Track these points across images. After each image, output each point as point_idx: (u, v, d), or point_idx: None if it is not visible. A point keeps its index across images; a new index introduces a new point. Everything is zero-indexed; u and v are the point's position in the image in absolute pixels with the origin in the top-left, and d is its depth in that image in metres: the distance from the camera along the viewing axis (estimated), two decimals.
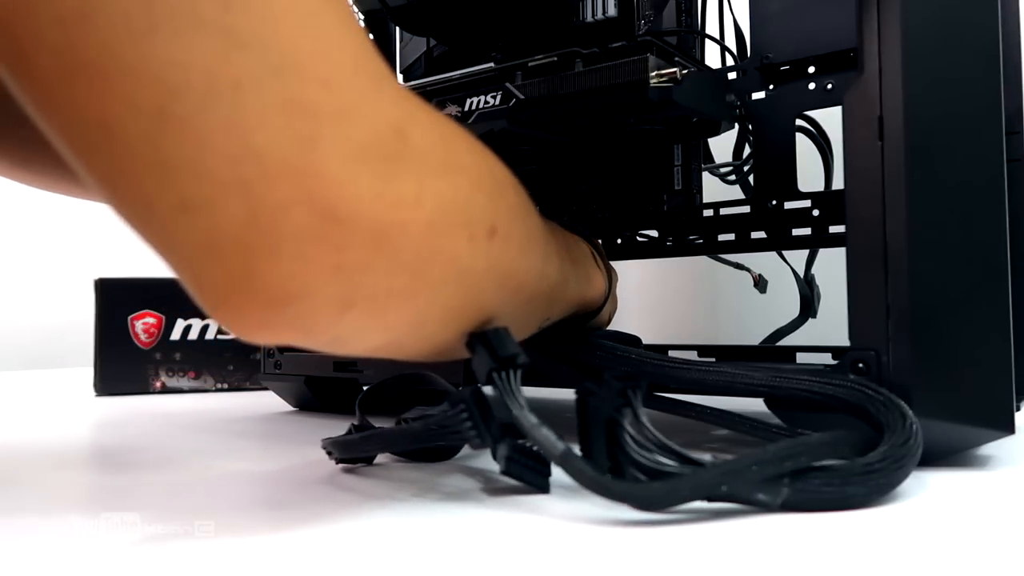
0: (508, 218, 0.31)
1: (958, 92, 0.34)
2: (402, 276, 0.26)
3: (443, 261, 0.27)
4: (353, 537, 0.26)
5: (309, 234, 0.23)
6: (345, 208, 0.23)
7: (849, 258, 0.34)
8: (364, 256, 0.24)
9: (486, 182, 0.30)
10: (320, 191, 0.23)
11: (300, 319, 0.25)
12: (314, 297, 0.24)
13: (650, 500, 0.26)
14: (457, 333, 0.31)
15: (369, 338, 0.28)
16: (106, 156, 0.22)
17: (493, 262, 0.30)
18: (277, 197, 0.22)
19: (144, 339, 0.78)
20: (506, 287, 0.32)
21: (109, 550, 0.25)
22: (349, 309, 0.25)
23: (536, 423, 0.27)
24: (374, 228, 0.24)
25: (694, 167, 0.54)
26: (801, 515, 0.27)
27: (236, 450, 0.44)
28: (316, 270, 0.24)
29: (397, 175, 0.25)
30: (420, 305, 0.28)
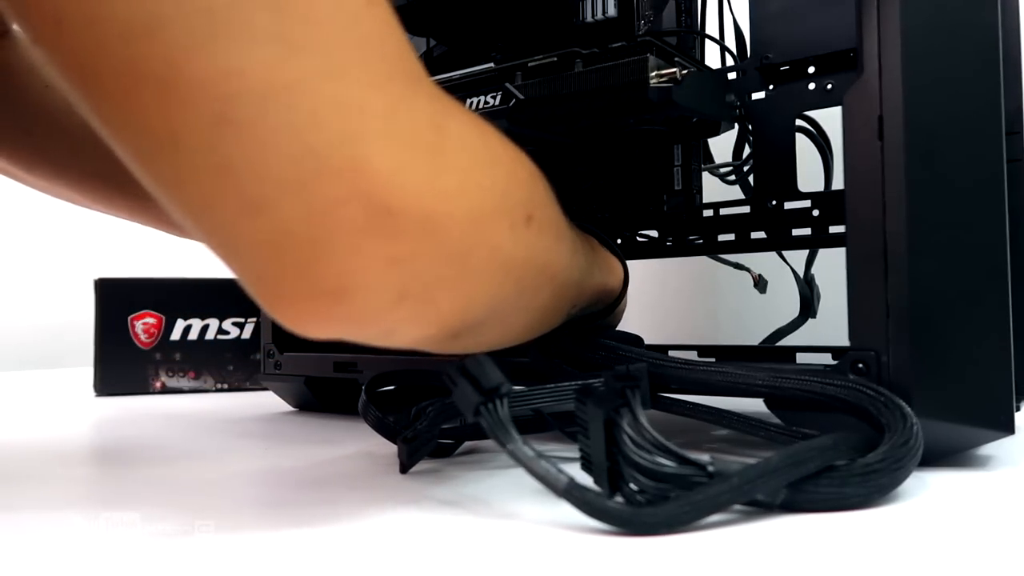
0: (542, 207, 0.32)
1: (958, 92, 0.34)
2: (450, 265, 0.27)
3: (487, 250, 0.28)
4: (353, 538, 0.26)
5: (363, 228, 0.24)
6: (396, 201, 0.24)
7: (849, 258, 0.34)
8: (415, 247, 0.25)
9: (521, 173, 0.31)
10: (371, 187, 0.24)
11: (357, 311, 0.26)
12: (370, 289, 0.25)
13: (657, 525, 0.25)
14: (500, 319, 0.32)
15: (420, 329, 0.29)
16: (170, 163, 0.23)
17: (531, 250, 0.31)
18: (332, 194, 0.23)
19: (144, 339, 0.78)
20: (544, 274, 0.33)
21: (109, 550, 0.25)
22: (403, 300, 0.26)
23: (533, 456, 0.27)
24: (423, 219, 0.25)
25: (694, 167, 0.54)
26: (800, 515, 0.27)
27: (236, 450, 0.44)
28: (371, 263, 0.25)
29: (441, 168, 0.26)
30: (467, 293, 0.29)
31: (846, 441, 0.29)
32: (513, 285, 0.31)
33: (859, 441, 0.29)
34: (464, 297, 0.29)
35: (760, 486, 0.26)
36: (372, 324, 0.27)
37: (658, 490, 0.26)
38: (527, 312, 0.34)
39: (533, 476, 0.27)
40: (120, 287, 0.78)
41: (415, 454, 0.36)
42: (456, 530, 0.27)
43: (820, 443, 0.28)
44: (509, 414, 0.28)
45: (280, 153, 0.23)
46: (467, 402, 0.28)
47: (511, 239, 0.30)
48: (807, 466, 0.27)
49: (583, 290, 0.40)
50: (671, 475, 0.26)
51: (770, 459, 0.27)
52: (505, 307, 0.32)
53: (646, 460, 0.26)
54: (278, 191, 0.23)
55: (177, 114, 0.22)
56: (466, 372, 0.28)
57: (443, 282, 0.27)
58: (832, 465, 0.28)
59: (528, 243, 0.31)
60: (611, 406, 0.27)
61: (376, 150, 0.24)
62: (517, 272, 0.31)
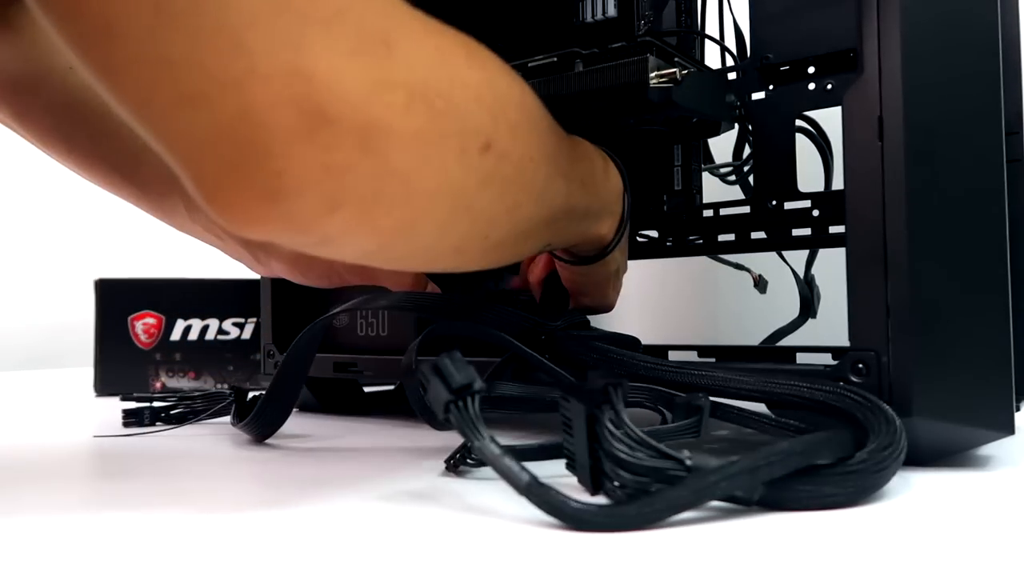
0: (507, 136, 0.31)
1: (958, 92, 0.34)
2: (391, 181, 0.27)
3: (433, 171, 0.28)
4: (352, 539, 0.26)
5: (298, 133, 0.24)
6: (334, 110, 0.24)
7: (849, 258, 0.34)
8: (352, 158, 0.25)
9: (485, 97, 0.31)
10: (308, 92, 0.24)
11: (290, 215, 0.26)
12: (303, 195, 0.25)
13: (622, 524, 0.26)
14: (450, 244, 0.32)
15: (358, 241, 0.29)
16: (108, 51, 0.23)
17: (486, 177, 0.31)
18: (267, 96, 0.24)
19: (144, 339, 0.78)
20: (502, 203, 0.32)
21: (108, 549, 0.25)
22: (337, 209, 0.26)
23: (499, 453, 0.27)
24: (362, 131, 0.25)
25: (694, 167, 0.54)
26: (786, 514, 0.27)
27: (236, 450, 0.44)
28: (305, 169, 0.25)
29: (386, 82, 0.26)
30: (411, 212, 0.29)
31: (830, 441, 0.29)
32: (464, 212, 0.31)
33: (845, 441, 0.29)
34: (406, 217, 0.29)
35: (737, 483, 0.27)
36: (306, 230, 0.27)
37: (637, 484, 0.26)
38: (483, 240, 0.34)
39: (498, 473, 0.27)
40: (120, 287, 0.78)
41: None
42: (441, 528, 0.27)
43: (802, 442, 0.28)
44: (479, 412, 0.28)
45: (216, 49, 0.23)
46: (438, 400, 0.29)
47: (460, 164, 0.29)
48: (786, 464, 0.27)
49: (557, 230, 0.40)
50: (649, 468, 0.26)
51: (749, 456, 0.27)
52: (456, 232, 0.32)
53: (626, 454, 0.26)
54: (213, 87, 0.23)
55: (114, 1, 0.22)
56: (438, 371, 0.29)
57: (382, 198, 0.27)
58: (815, 464, 0.28)
59: (481, 170, 0.30)
60: (594, 403, 0.27)
61: (315, 56, 0.24)
62: (468, 197, 0.30)
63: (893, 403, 0.33)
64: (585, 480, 0.28)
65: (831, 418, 0.33)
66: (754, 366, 0.38)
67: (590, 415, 0.27)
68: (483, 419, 0.28)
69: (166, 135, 0.25)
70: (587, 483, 0.28)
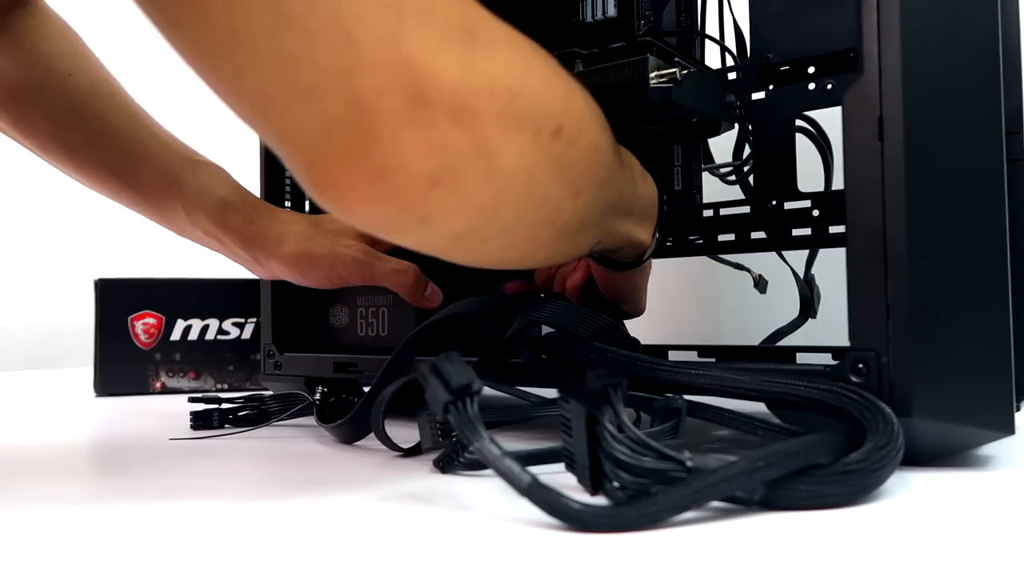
0: (575, 122, 0.33)
1: (958, 92, 0.34)
2: (479, 160, 0.29)
3: (512, 152, 0.30)
4: (353, 539, 0.26)
5: (403, 116, 0.26)
6: (432, 93, 0.27)
7: (849, 258, 0.34)
8: (449, 137, 0.28)
9: (555, 84, 0.33)
10: (410, 78, 0.26)
11: (396, 193, 0.28)
12: (408, 173, 0.28)
13: (624, 525, 0.26)
14: (524, 229, 0.34)
15: (451, 220, 0.31)
16: (230, 59, 0.26)
17: (555, 160, 0.32)
18: (375, 84, 0.26)
19: (144, 339, 0.78)
20: (567, 187, 0.34)
21: (108, 549, 0.25)
22: (436, 185, 0.28)
23: (499, 454, 0.27)
24: (457, 112, 0.28)
25: (694, 167, 0.54)
26: (786, 514, 0.27)
27: (236, 451, 0.44)
28: (409, 148, 0.27)
29: (472, 66, 0.28)
30: (493, 192, 0.30)
31: (829, 441, 0.29)
32: (535, 194, 0.32)
33: (842, 441, 0.29)
34: (491, 193, 0.30)
35: (738, 483, 0.27)
36: (409, 207, 0.29)
37: (637, 485, 0.26)
38: (549, 226, 0.35)
39: (498, 474, 0.27)
40: (120, 287, 0.78)
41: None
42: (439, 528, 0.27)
43: (801, 442, 0.28)
44: (478, 413, 0.28)
45: (328, 45, 0.25)
46: (437, 400, 0.29)
47: (535, 146, 0.31)
48: (786, 464, 0.27)
49: (612, 229, 0.41)
50: (650, 470, 0.26)
51: (749, 456, 0.27)
52: (528, 216, 0.33)
53: (626, 456, 0.26)
54: (327, 80, 0.26)
55: (239, 11, 0.25)
56: (437, 371, 0.29)
57: (471, 174, 0.29)
58: (814, 464, 0.28)
59: (552, 152, 0.32)
60: (594, 404, 0.27)
61: (413, 45, 0.26)
62: (538, 182, 0.32)
63: (893, 403, 0.33)
64: (584, 480, 0.28)
65: (828, 417, 0.33)
66: (754, 366, 0.38)
67: (590, 416, 0.27)
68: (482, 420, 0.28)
69: (283, 129, 0.27)
70: (586, 483, 0.28)
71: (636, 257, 0.46)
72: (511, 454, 0.27)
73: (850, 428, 0.31)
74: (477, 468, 0.36)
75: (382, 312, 0.55)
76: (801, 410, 0.34)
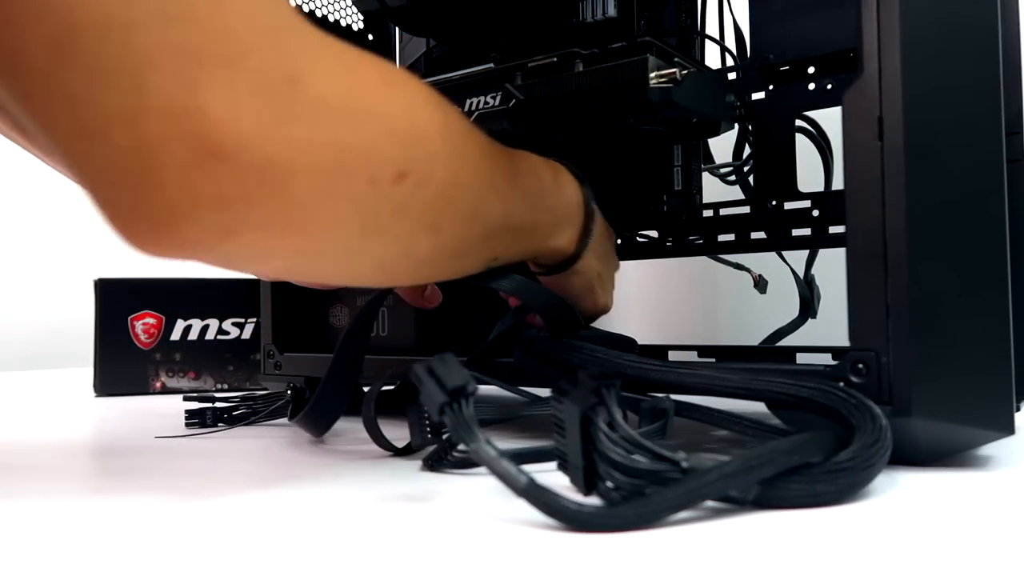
0: (424, 164, 0.32)
1: (958, 92, 0.34)
2: (289, 212, 0.28)
3: (337, 202, 0.29)
4: (347, 540, 0.26)
5: (189, 167, 0.25)
6: (228, 146, 0.26)
7: (849, 258, 0.34)
8: (246, 191, 0.27)
9: (400, 130, 0.31)
10: (200, 129, 0.25)
11: (185, 242, 0.27)
12: (197, 223, 0.26)
13: (621, 525, 0.26)
14: (368, 264, 0.34)
15: (262, 263, 0.31)
16: (17, 81, 0.25)
17: (401, 204, 0.32)
18: (159, 132, 0.25)
19: (144, 339, 0.78)
20: (420, 225, 0.33)
21: (107, 550, 0.25)
22: (232, 237, 0.27)
23: (495, 455, 0.27)
24: (258, 166, 0.26)
25: (694, 167, 0.54)
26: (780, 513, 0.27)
27: (236, 451, 0.44)
28: (197, 200, 0.26)
29: (287, 119, 0.27)
30: (312, 237, 0.30)
31: (820, 440, 0.29)
32: (378, 236, 0.32)
33: (832, 440, 0.30)
34: (309, 243, 0.30)
35: (733, 482, 0.27)
36: (205, 254, 0.28)
37: (632, 486, 0.26)
38: (405, 258, 0.35)
39: (495, 475, 0.27)
40: (120, 287, 0.78)
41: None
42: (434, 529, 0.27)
43: (794, 441, 0.28)
44: (474, 413, 0.28)
45: (112, 87, 0.24)
46: (433, 401, 0.29)
47: (372, 194, 0.30)
48: (780, 463, 0.27)
49: (507, 245, 0.40)
50: (645, 471, 0.26)
51: (744, 456, 0.27)
52: (372, 254, 0.33)
53: (621, 456, 0.26)
54: (109, 121, 0.25)
55: (19, 37, 0.24)
56: (432, 372, 0.29)
57: (279, 227, 0.28)
58: (806, 463, 0.28)
59: (395, 198, 0.31)
60: (588, 404, 0.27)
61: (209, 97, 0.25)
62: (381, 225, 0.32)
63: (893, 403, 0.33)
64: (578, 481, 0.28)
65: (817, 416, 0.33)
66: (754, 366, 0.38)
67: (584, 416, 0.27)
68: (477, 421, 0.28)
69: (71, 161, 0.26)
70: (580, 484, 0.28)
71: (560, 263, 0.45)
72: (507, 455, 0.27)
73: (839, 426, 0.31)
74: (466, 467, 0.36)
75: (382, 312, 0.55)
76: (790, 409, 0.34)
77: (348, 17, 0.63)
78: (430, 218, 0.34)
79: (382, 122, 0.31)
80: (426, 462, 0.37)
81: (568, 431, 0.28)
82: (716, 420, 0.37)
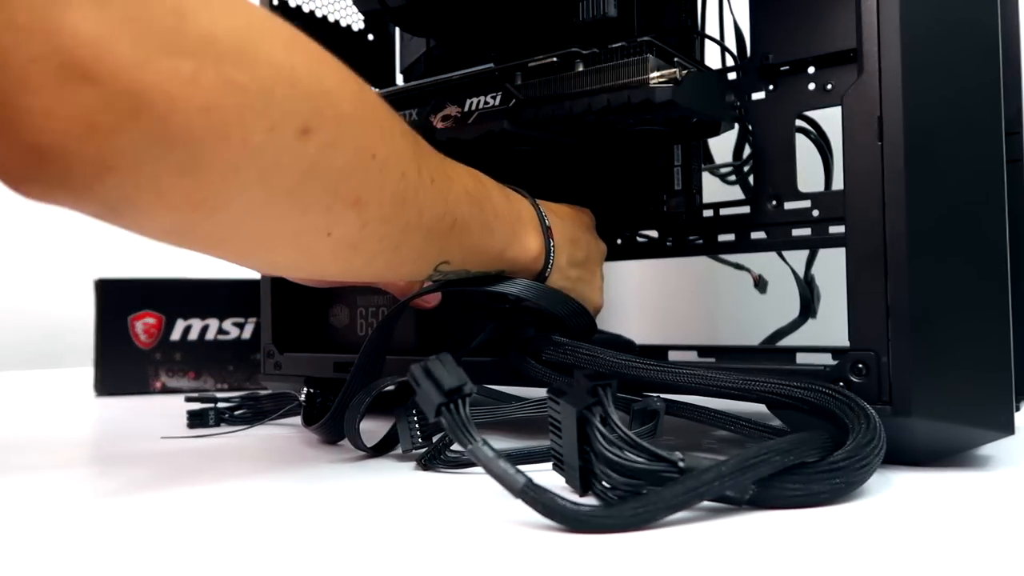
0: (332, 125, 0.31)
1: (958, 92, 0.34)
2: (173, 150, 0.26)
3: (230, 145, 0.27)
4: (345, 542, 0.26)
5: (57, 89, 0.24)
6: (98, 69, 0.24)
7: (849, 258, 0.34)
8: (120, 120, 0.25)
9: (303, 83, 0.30)
10: (70, 49, 0.24)
11: (60, 176, 0.25)
12: (69, 154, 0.25)
13: (618, 525, 0.26)
14: (282, 232, 0.31)
15: (147, 213, 0.28)
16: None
17: (310, 164, 0.30)
18: (26, 49, 0.24)
19: (144, 339, 0.78)
20: (337, 196, 0.32)
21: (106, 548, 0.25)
22: (109, 172, 0.26)
23: (492, 456, 0.27)
24: (134, 93, 0.25)
25: (694, 167, 0.54)
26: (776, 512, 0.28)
27: (236, 451, 0.44)
28: (67, 126, 0.24)
29: (170, 51, 0.25)
30: (207, 185, 0.28)
31: (815, 439, 0.29)
32: (286, 197, 0.30)
33: (827, 440, 0.30)
34: (200, 188, 0.28)
35: (729, 482, 0.27)
36: (82, 194, 0.27)
37: (629, 486, 0.26)
38: (325, 236, 0.33)
39: (492, 476, 0.27)
40: (120, 287, 0.78)
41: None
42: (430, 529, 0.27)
43: (790, 440, 0.29)
44: (470, 414, 0.28)
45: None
46: (429, 402, 0.29)
47: (271, 144, 0.28)
48: (776, 462, 0.28)
49: (448, 243, 0.38)
50: (642, 471, 0.26)
51: (740, 455, 0.27)
52: (285, 219, 0.31)
53: (618, 456, 0.26)
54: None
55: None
56: (429, 373, 0.29)
57: (165, 165, 0.26)
58: (801, 462, 0.28)
59: (304, 155, 0.30)
60: (584, 405, 0.27)
61: (82, 16, 0.24)
62: (287, 182, 0.30)
63: (893, 403, 0.33)
64: (574, 481, 0.28)
65: (811, 416, 0.33)
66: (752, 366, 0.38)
67: (581, 416, 0.27)
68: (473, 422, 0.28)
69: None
70: (575, 484, 0.28)
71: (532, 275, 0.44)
72: (504, 455, 0.27)
73: (833, 427, 0.31)
74: (460, 467, 0.36)
75: (382, 312, 0.55)
76: (784, 409, 0.34)
77: (348, 17, 0.63)
78: (348, 189, 0.32)
79: (282, 72, 0.29)
80: (420, 462, 0.37)
81: (564, 431, 0.28)
82: (712, 420, 0.37)
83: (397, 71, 0.66)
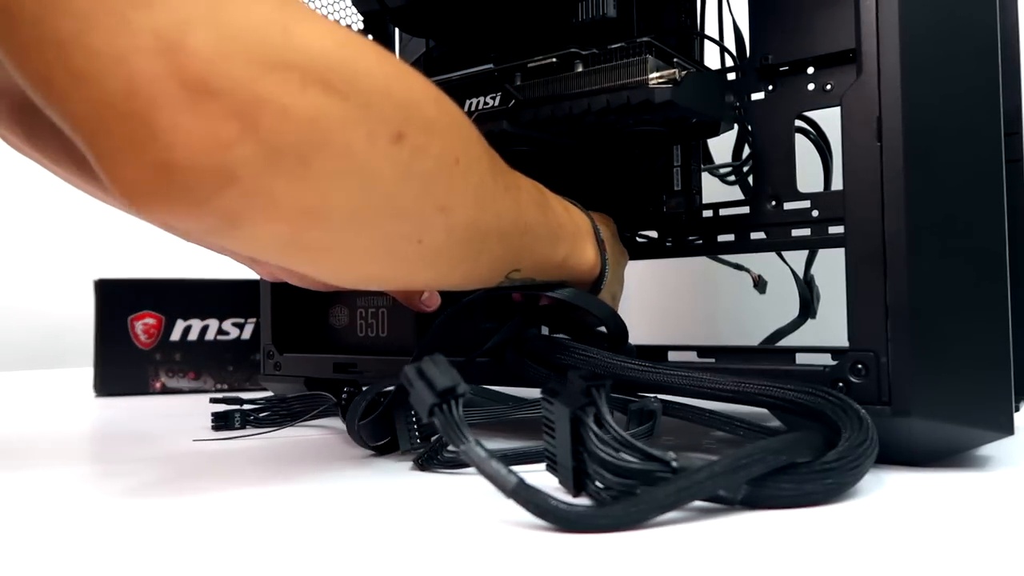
0: (421, 130, 0.32)
1: (957, 93, 0.34)
2: (287, 159, 0.28)
3: (334, 153, 0.29)
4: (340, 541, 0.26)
5: (183, 106, 0.25)
6: (218, 84, 0.26)
7: (848, 258, 0.34)
8: (243, 131, 0.26)
9: (394, 89, 0.31)
10: (192, 67, 0.25)
11: (183, 190, 0.26)
12: (193, 167, 0.26)
13: (610, 525, 0.26)
14: (377, 241, 0.33)
15: (264, 224, 0.29)
16: (8, 33, 0.25)
17: (404, 170, 0.31)
18: (151, 70, 0.25)
19: (144, 339, 0.78)
20: (428, 200, 0.33)
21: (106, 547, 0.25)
22: (231, 183, 0.27)
23: (485, 456, 0.27)
24: (248, 106, 0.26)
25: (693, 168, 0.54)
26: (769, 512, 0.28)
27: (236, 451, 0.44)
28: (192, 140, 0.26)
29: (279, 65, 0.27)
30: (314, 192, 0.29)
31: (808, 439, 0.29)
32: (384, 203, 0.31)
33: (820, 440, 0.30)
34: (308, 195, 0.29)
35: (721, 482, 0.27)
36: (201, 206, 0.27)
37: (622, 486, 0.26)
38: (416, 244, 0.34)
39: (484, 476, 0.27)
40: (120, 287, 0.78)
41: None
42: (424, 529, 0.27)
43: (783, 440, 0.29)
44: (463, 415, 0.28)
45: (102, 28, 0.24)
46: (422, 403, 0.28)
47: (370, 151, 0.30)
48: (769, 462, 0.28)
49: (521, 250, 0.40)
50: (635, 471, 0.26)
51: (732, 455, 0.27)
52: (380, 227, 0.32)
53: (611, 456, 0.26)
54: (100, 64, 0.25)
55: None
56: (422, 373, 0.29)
57: (278, 173, 0.28)
58: (793, 463, 0.28)
59: (398, 161, 0.31)
60: (578, 405, 0.27)
61: (199, 35, 0.25)
62: (385, 189, 0.31)
63: (892, 403, 0.33)
64: (567, 481, 0.28)
65: (803, 418, 0.33)
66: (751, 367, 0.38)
67: (574, 417, 0.27)
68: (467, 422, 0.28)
69: (68, 114, 0.26)
70: (569, 484, 0.28)
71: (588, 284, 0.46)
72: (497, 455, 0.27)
73: (825, 428, 0.31)
74: (456, 467, 0.36)
75: (382, 313, 0.55)
76: (777, 411, 0.34)
77: (348, 17, 0.63)
78: (436, 194, 0.33)
79: (375, 79, 0.30)
80: (416, 462, 0.37)
81: (558, 431, 0.28)
82: (708, 420, 0.37)
83: None
